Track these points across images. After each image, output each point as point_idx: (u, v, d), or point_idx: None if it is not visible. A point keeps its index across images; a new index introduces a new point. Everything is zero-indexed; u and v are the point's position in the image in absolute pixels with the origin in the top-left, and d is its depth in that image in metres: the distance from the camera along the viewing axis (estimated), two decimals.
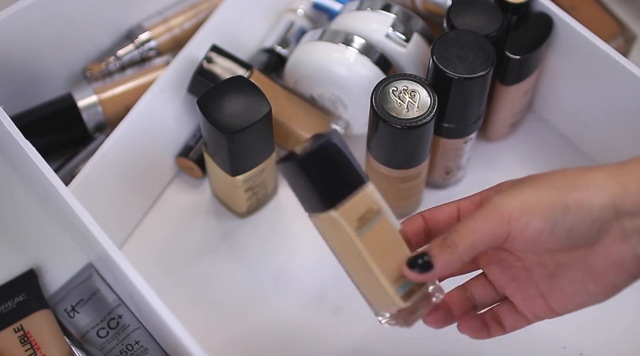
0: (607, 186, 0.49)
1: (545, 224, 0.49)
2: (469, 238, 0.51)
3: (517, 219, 0.50)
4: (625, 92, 0.68)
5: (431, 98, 0.63)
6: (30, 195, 0.75)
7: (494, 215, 0.50)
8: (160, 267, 0.71)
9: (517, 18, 0.69)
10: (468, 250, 0.51)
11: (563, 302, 0.53)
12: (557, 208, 0.49)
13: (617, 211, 0.49)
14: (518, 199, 0.50)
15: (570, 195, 0.49)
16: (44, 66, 0.75)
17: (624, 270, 0.50)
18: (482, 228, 0.50)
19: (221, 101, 0.64)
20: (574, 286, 0.52)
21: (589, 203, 0.49)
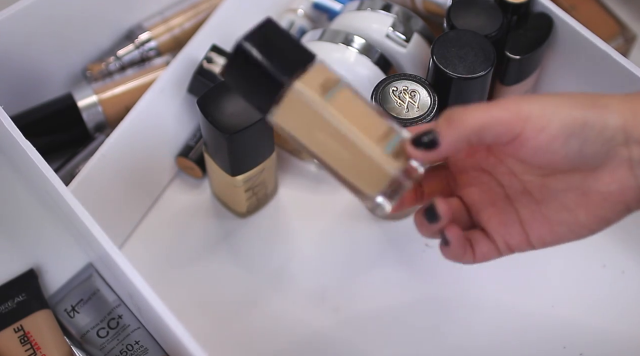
0: (620, 110, 0.49)
1: (561, 131, 0.48)
2: (480, 118, 0.49)
3: (535, 119, 0.48)
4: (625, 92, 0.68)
5: (431, 98, 0.63)
6: (30, 195, 0.75)
7: (513, 107, 0.49)
8: (160, 266, 0.71)
9: (517, 18, 0.69)
10: (477, 130, 0.49)
11: (543, 232, 0.52)
12: (576, 118, 0.48)
13: (627, 136, 0.48)
14: (539, 102, 0.49)
15: (589, 111, 0.48)
16: (44, 66, 0.75)
17: (623, 200, 0.50)
18: (497, 115, 0.49)
19: (221, 101, 0.64)
20: (562, 215, 0.51)
21: (604, 121, 0.48)
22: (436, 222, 0.51)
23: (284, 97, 0.50)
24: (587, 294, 0.70)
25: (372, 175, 0.50)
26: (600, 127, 0.48)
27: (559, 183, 0.51)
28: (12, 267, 0.71)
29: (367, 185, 0.51)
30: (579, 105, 0.49)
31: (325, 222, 0.74)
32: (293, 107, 0.50)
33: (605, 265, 0.71)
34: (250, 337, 0.69)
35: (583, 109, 0.49)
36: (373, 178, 0.51)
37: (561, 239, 0.52)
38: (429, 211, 0.51)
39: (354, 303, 0.70)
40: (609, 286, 0.70)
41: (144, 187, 0.74)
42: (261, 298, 0.70)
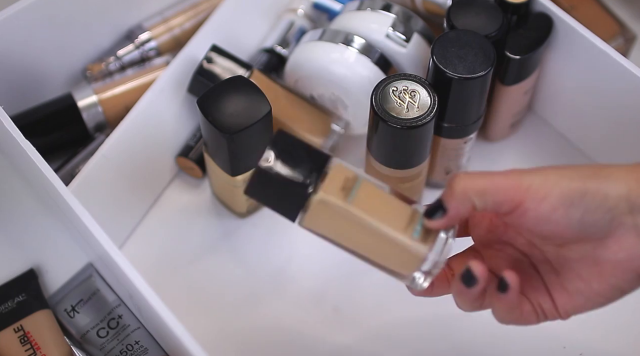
0: (624, 179, 0.49)
1: (561, 202, 0.49)
2: (483, 183, 0.51)
3: (535, 190, 0.50)
4: (625, 92, 0.68)
5: (431, 98, 0.63)
6: (30, 195, 0.75)
7: (515, 177, 0.50)
8: (160, 266, 0.71)
9: (517, 18, 0.69)
10: (478, 193, 0.51)
11: (564, 302, 0.53)
12: (575, 189, 0.49)
13: (632, 205, 0.49)
14: (541, 174, 0.50)
15: (590, 181, 0.49)
16: (44, 66, 0.75)
17: (633, 268, 0.50)
18: (498, 181, 0.51)
19: (221, 101, 0.64)
20: (578, 284, 0.52)
21: (605, 191, 0.49)
22: (475, 285, 0.51)
23: (309, 207, 0.52)
24: None
25: (406, 259, 0.53)
26: (602, 197, 0.49)
27: (572, 253, 0.52)
28: (12, 267, 0.71)
29: (403, 268, 0.54)
30: (580, 176, 0.50)
31: None
32: (320, 214, 0.53)
33: None
34: (250, 337, 0.69)
35: (583, 180, 0.49)
36: (408, 261, 0.53)
37: (581, 309, 0.53)
38: (466, 275, 0.52)
39: (354, 303, 0.70)
40: None
41: (144, 187, 0.74)
42: (261, 298, 0.70)
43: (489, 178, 0.51)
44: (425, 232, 0.53)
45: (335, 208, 0.52)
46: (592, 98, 0.72)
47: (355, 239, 0.54)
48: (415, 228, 0.53)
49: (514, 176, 0.51)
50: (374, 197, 0.53)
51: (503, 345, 0.68)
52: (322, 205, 0.52)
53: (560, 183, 0.50)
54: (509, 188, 0.50)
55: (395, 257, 0.53)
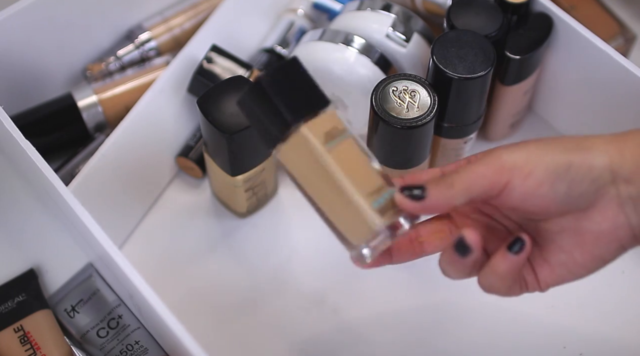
0: (605, 150, 0.50)
1: (547, 176, 0.49)
2: (467, 179, 0.50)
3: (520, 168, 0.49)
4: (625, 92, 0.68)
5: (431, 98, 0.63)
6: (30, 195, 0.75)
7: (495, 161, 0.50)
8: (160, 266, 0.71)
9: (517, 18, 0.69)
10: (464, 190, 0.50)
11: (545, 275, 0.53)
12: (560, 163, 0.49)
13: (614, 175, 0.49)
14: (522, 151, 0.50)
15: (574, 154, 0.50)
16: (44, 66, 0.75)
17: (616, 238, 0.50)
18: (481, 172, 0.50)
19: (221, 101, 0.64)
20: (560, 256, 0.52)
21: (590, 162, 0.49)
22: (469, 254, 0.50)
23: (289, 138, 0.52)
24: (587, 294, 0.70)
25: (358, 226, 0.52)
26: (586, 168, 0.49)
27: (554, 226, 0.52)
28: (12, 267, 0.71)
29: (353, 235, 0.52)
30: (562, 149, 0.50)
31: None
32: (296, 149, 0.52)
33: None
34: (250, 337, 0.69)
35: (567, 153, 0.50)
36: (359, 229, 0.52)
37: (561, 281, 0.53)
38: (459, 244, 0.50)
39: (354, 303, 0.70)
40: (609, 286, 0.70)
41: (144, 187, 0.74)
42: (261, 298, 0.70)
43: (471, 172, 0.50)
44: (387, 207, 0.52)
45: (312, 148, 0.52)
46: (592, 98, 0.72)
47: (319, 188, 0.53)
48: (378, 199, 0.51)
49: (494, 161, 0.50)
50: (352, 155, 0.52)
51: (503, 344, 0.68)
52: (300, 140, 0.52)
53: (545, 158, 0.50)
54: (492, 176, 0.50)
55: (349, 220, 0.52)
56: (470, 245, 0.50)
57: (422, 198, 0.51)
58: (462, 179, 0.50)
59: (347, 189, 0.51)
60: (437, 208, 0.51)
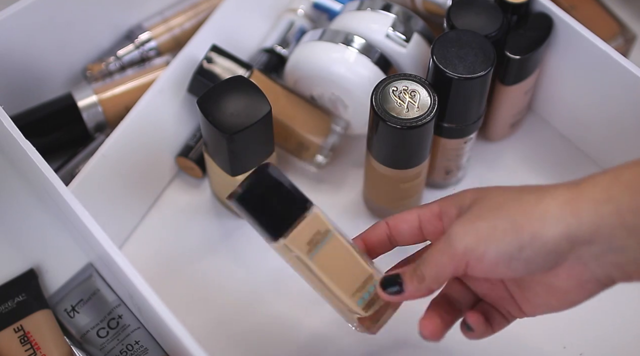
0: (560, 217, 0.48)
1: (500, 257, 0.50)
2: (433, 271, 0.53)
3: (471, 251, 0.51)
4: (625, 92, 0.68)
5: (431, 98, 0.63)
6: (30, 195, 0.75)
7: (449, 249, 0.52)
8: (160, 267, 0.71)
9: (517, 18, 0.69)
10: (434, 281, 0.54)
11: (529, 309, 0.55)
12: (511, 245, 0.49)
13: (572, 242, 0.48)
14: (472, 232, 0.51)
15: (523, 230, 0.49)
16: (44, 66, 0.75)
17: (585, 290, 0.51)
18: (442, 262, 0.52)
19: (221, 101, 0.64)
20: (538, 299, 0.54)
21: (542, 237, 0.49)
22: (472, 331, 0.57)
23: (275, 246, 0.56)
24: None
25: (347, 314, 0.59)
26: (540, 244, 0.49)
27: (528, 279, 0.53)
28: (12, 267, 0.71)
29: (344, 316, 0.60)
30: (512, 226, 0.49)
31: None
32: (284, 254, 0.57)
33: None
34: (250, 337, 0.69)
35: (517, 230, 0.49)
36: (347, 316, 0.59)
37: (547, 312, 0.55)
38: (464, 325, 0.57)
39: None
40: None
41: (144, 187, 0.74)
42: (261, 298, 0.70)
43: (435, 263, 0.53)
44: (372, 299, 0.58)
45: (297, 257, 0.56)
46: (592, 98, 0.72)
47: (309, 280, 0.58)
48: (363, 296, 0.57)
49: (448, 248, 0.52)
50: (336, 255, 0.57)
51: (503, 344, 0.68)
52: (286, 250, 0.55)
53: (494, 241, 0.50)
54: (451, 262, 0.52)
55: (341, 310, 0.59)
56: (473, 327, 0.57)
57: (400, 292, 0.55)
58: (429, 271, 0.53)
59: (334, 291, 0.57)
60: (415, 297, 0.55)
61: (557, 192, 0.49)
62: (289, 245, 0.55)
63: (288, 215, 0.55)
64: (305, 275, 0.58)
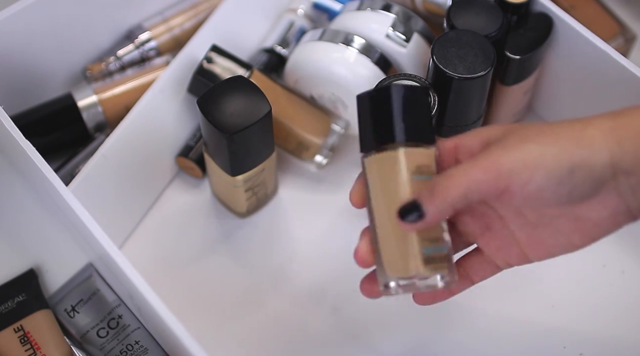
0: (605, 144, 0.48)
1: (549, 182, 0.48)
2: (462, 185, 0.49)
3: (518, 174, 0.48)
4: (625, 92, 0.68)
5: (431, 98, 0.63)
6: (30, 195, 0.75)
7: (493, 167, 0.49)
8: (160, 266, 0.71)
9: (517, 18, 0.69)
10: (461, 197, 0.49)
11: (540, 252, 0.53)
12: (563, 167, 0.48)
13: (615, 170, 0.49)
14: (521, 154, 0.49)
15: (575, 154, 0.48)
16: (44, 66, 0.75)
17: (615, 222, 0.51)
18: (478, 178, 0.49)
19: (221, 101, 0.64)
20: (558, 238, 0.52)
21: (591, 163, 0.48)
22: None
23: (385, 152, 0.53)
24: (587, 294, 0.70)
25: (399, 262, 0.53)
26: (588, 169, 0.48)
27: (553, 211, 0.52)
28: (12, 267, 0.71)
29: (390, 266, 0.53)
30: (563, 149, 0.48)
31: (325, 222, 0.74)
32: (384, 165, 0.53)
33: (605, 265, 0.71)
34: (250, 337, 0.69)
35: (568, 153, 0.48)
36: (398, 265, 0.53)
37: (558, 254, 0.54)
38: None
39: (354, 303, 0.70)
40: (609, 286, 0.70)
41: (144, 187, 0.74)
42: (261, 298, 0.70)
43: (467, 176, 0.49)
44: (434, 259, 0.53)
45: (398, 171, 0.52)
46: (592, 98, 0.72)
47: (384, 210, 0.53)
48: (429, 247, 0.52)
49: (492, 166, 0.49)
50: None
51: (503, 344, 0.68)
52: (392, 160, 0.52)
53: (544, 161, 0.48)
54: (490, 182, 0.49)
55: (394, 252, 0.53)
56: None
57: (422, 217, 0.50)
58: (457, 185, 0.49)
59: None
60: (438, 220, 0.51)
61: (600, 121, 0.49)
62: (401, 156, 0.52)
63: (420, 132, 0.53)
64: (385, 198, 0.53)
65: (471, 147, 0.52)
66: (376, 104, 0.53)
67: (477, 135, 0.53)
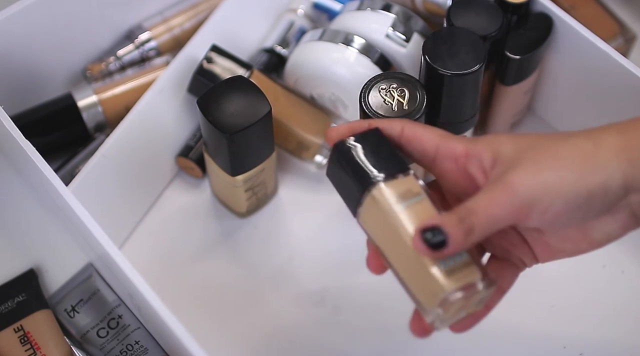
0: (618, 167, 0.49)
1: (566, 209, 0.49)
2: (485, 222, 0.49)
3: (537, 204, 0.49)
4: (625, 92, 0.68)
5: (420, 95, 0.63)
6: (30, 195, 0.75)
7: (511, 199, 0.48)
8: (160, 267, 0.71)
9: (517, 18, 0.69)
10: (483, 233, 0.49)
11: (545, 256, 0.55)
12: (581, 194, 0.49)
13: (627, 190, 0.49)
14: (539, 180, 0.49)
15: (591, 182, 0.48)
16: (44, 66, 0.75)
17: (624, 231, 0.52)
18: (498, 213, 0.49)
19: (221, 101, 0.64)
20: (565, 245, 0.53)
21: (606, 188, 0.49)
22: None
23: (366, 199, 0.52)
24: (587, 294, 0.70)
25: (428, 289, 0.51)
26: (603, 194, 0.49)
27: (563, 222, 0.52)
28: (12, 267, 0.71)
29: (424, 298, 0.51)
30: (579, 176, 0.49)
31: (325, 222, 0.74)
32: (372, 208, 0.52)
33: (605, 265, 0.71)
34: (250, 337, 0.69)
35: (585, 180, 0.49)
36: (429, 292, 0.51)
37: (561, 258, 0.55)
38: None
39: (354, 303, 0.70)
40: (609, 286, 0.70)
41: (144, 187, 0.74)
42: (261, 298, 0.70)
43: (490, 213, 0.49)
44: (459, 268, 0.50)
45: (385, 206, 0.52)
46: (592, 98, 0.72)
47: (392, 249, 0.52)
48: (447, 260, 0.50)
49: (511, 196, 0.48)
50: (424, 215, 0.51)
51: (503, 344, 0.68)
52: (376, 199, 0.52)
53: (563, 188, 0.49)
54: (512, 215, 0.49)
55: (420, 283, 0.51)
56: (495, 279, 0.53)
57: (444, 245, 0.49)
58: (480, 221, 0.49)
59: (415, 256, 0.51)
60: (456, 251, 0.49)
61: (611, 138, 0.49)
62: (377, 195, 0.52)
63: (390, 166, 0.53)
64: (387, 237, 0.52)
65: (482, 159, 0.52)
66: (339, 169, 0.54)
67: (488, 145, 0.52)
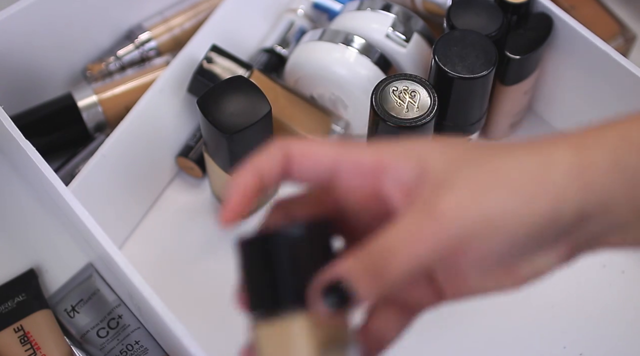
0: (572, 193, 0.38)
1: (505, 244, 0.38)
2: (409, 263, 0.37)
3: (476, 238, 0.38)
4: (625, 92, 0.68)
5: (431, 98, 0.63)
6: (30, 195, 0.75)
7: (446, 234, 0.38)
8: (160, 267, 0.71)
9: (517, 18, 0.69)
10: (405, 276, 0.38)
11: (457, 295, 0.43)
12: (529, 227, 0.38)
13: (581, 218, 0.39)
14: (478, 210, 0.38)
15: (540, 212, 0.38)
16: (44, 66, 0.75)
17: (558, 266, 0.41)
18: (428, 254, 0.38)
19: (221, 101, 0.64)
20: (485, 283, 0.41)
21: (559, 217, 0.38)
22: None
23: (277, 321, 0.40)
24: (587, 294, 0.70)
25: None
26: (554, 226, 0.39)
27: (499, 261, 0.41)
28: (12, 267, 0.71)
29: None
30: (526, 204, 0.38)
31: None
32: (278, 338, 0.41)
33: (605, 265, 0.71)
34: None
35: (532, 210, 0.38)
36: None
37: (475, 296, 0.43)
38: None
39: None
40: (609, 286, 0.70)
41: (144, 187, 0.74)
42: None
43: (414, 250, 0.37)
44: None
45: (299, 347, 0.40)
46: (592, 98, 0.72)
47: None
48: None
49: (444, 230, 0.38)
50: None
51: (503, 344, 0.68)
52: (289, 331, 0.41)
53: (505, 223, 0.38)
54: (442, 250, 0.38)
55: None
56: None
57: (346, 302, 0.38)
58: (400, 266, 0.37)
59: None
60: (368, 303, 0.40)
61: (562, 156, 0.39)
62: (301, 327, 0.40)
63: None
64: None
65: (401, 172, 0.39)
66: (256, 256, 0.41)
67: (410, 154, 0.40)
